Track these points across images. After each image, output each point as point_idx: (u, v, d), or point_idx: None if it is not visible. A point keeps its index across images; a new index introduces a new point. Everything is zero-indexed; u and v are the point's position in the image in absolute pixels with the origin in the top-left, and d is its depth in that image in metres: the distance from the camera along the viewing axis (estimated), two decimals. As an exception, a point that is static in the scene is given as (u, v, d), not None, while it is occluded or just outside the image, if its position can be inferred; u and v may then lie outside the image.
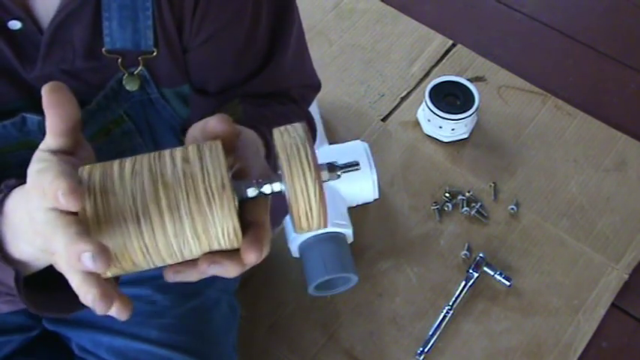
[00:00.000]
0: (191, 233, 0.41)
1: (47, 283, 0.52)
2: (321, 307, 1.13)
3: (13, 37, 0.58)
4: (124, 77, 0.65)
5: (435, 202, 1.23)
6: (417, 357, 1.08)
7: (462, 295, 1.13)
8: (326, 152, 1.20)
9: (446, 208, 1.23)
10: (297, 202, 0.42)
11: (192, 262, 0.44)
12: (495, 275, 1.14)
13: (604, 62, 1.46)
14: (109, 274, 0.42)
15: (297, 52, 0.73)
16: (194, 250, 0.42)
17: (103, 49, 0.62)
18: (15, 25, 0.57)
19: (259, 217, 0.44)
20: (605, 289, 1.16)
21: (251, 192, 0.44)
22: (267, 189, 0.44)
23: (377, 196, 1.18)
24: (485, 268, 1.15)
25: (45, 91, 0.43)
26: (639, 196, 1.26)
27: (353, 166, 0.46)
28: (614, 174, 1.28)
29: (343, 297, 1.14)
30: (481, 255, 1.16)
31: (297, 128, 0.44)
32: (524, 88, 1.39)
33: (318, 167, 0.42)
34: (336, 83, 1.38)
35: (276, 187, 0.44)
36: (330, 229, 1.08)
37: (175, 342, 0.81)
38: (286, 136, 0.43)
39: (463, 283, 1.14)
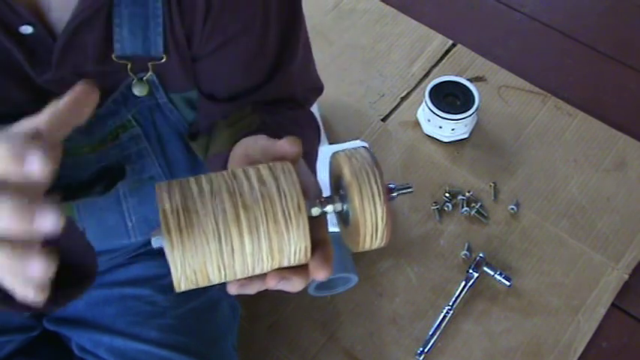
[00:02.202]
0: (267, 253, 0.43)
1: None
2: (321, 307, 1.13)
3: (25, 41, 0.58)
4: (133, 82, 0.65)
5: (435, 202, 1.23)
6: (417, 357, 1.08)
7: (462, 295, 1.13)
8: (326, 152, 1.20)
9: (446, 208, 1.23)
10: (366, 225, 0.44)
11: (259, 277, 0.45)
12: (495, 275, 1.14)
13: (604, 62, 1.46)
14: (183, 288, 0.44)
15: (304, 58, 0.74)
16: (266, 267, 0.44)
17: (113, 55, 0.62)
18: (26, 29, 0.58)
19: (324, 235, 0.47)
20: (605, 289, 1.16)
21: (315, 211, 0.46)
22: (329, 209, 0.46)
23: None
24: (485, 268, 1.15)
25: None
26: (639, 196, 1.26)
27: (407, 188, 0.48)
28: (614, 174, 1.28)
29: (343, 297, 1.14)
30: (481, 255, 1.16)
31: (364, 152, 0.46)
32: (524, 88, 1.39)
33: (386, 192, 0.44)
34: (336, 83, 1.38)
35: (338, 207, 0.46)
36: (330, 229, 1.08)
37: (175, 342, 0.81)
38: (355, 161, 0.45)
39: (463, 283, 1.14)
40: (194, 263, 0.42)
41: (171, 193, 0.43)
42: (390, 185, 0.47)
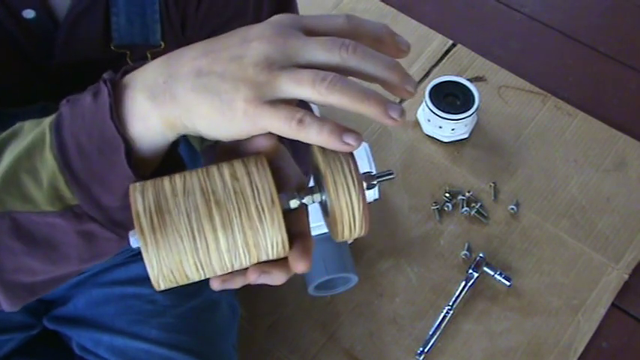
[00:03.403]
0: (243, 248, 0.43)
1: None
2: (321, 307, 1.13)
3: (27, 25, 0.58)
4: None
5: (435, 202, 1.23)
6: (417, 357, 1.08)
7: (462, 295, 1.13)
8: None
9: (446, 208, 1.23)
10: (342, 215, 0.44)
11: (240, 271, 0.46)
12: (495, 275, 1.14)
13: (604, 62, 1.46)
14: (162, 287, 0.44)
15: None
16: (244, 262, 0.44)
17: (112, 45, 0.62)
18: (29, 13, 0.58)
19: (303, 227, 0.46)
20: (605, 289, 1.16)
21: (293, 203, 0.45)
22: (308, 200, 0.46)
23: (377, 197, 1.18)
24: (485, 268, 1.15)
25: None
26: (639, 196, 1.26)
27: (388, 175, 0.48)
28: (614, 174, 1.28)
29: (343, 297, 1.14)
30: (481, 255, 1.16)
31: None
32: (524, 88, 1.39)
33: (361, 181, 0.44)
34: (336, 83, 1.38)
35: (317, 197, 0.46)
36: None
37: (175, 341, 0.81)
38: (328, 150, 0.44)
39: (463, 283, 1.14)
40: (169, 262, 0.42)
41: (144, 193, 0.43)
42: (371, 172, 0.46)
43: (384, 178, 0.47)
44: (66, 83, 0.63)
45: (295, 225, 0.46)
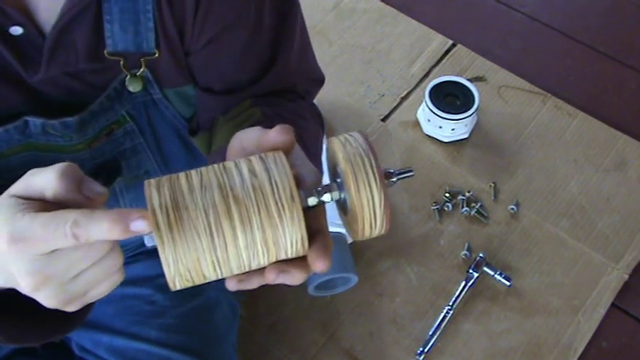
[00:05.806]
0: (262, 245, 0.42)
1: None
2: (321, 307, 1.13)
3: (15, 42, 0.58)
4: (127, 78, 0.65)
5: (435, 202, 1.23)
6: (417, 357, 1.08)
7: (462, 295, 1.13)
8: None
9: (446, 208, 1.23)
10: (363, 212, 0.43)
11: (257, 271, 0.45)
12: (495, 275, 1.14)
13: (604, 62, 1.46)
14: (178, 287, 0.43)
15: (301, 48, 0.73)
16: (262, 260, 0.43)
17: (105, 52, 0.62)
18: (16, 30, 0.57)
19: (321, 225, 0.46)
20: (605, 289, 1.16)
21: (312, 201, 0.44)
22: (327, 197, 0.45)
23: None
24: (485, 268, 1.15)
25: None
26: (639, 196, 1.26)
27: (408, 172, 0.47)
28: (614, 174, 1.28)
29: (343, 297, 1.14)
30: (481, 255, 1.16)
31: (358, 137, 0.44)
32: (524, 88, 1.39)
33: (383, 177, 0.43)
34: (336, 83, 1.38)
35: (336, 195, 0.45)
36: (330, 229, 1.08)
37: (175, 342, 0.81)
38: (349, 146, 0.43)
39: (463, 283, 1.14)
40: (187, 260, 0.41)
41: (160, 189, 0.42)
42: (390, 170, 0.46)
43: (404, 176, 0.47)
44: (50, 96, 0.63)
45: (313, 223, 0.45)
